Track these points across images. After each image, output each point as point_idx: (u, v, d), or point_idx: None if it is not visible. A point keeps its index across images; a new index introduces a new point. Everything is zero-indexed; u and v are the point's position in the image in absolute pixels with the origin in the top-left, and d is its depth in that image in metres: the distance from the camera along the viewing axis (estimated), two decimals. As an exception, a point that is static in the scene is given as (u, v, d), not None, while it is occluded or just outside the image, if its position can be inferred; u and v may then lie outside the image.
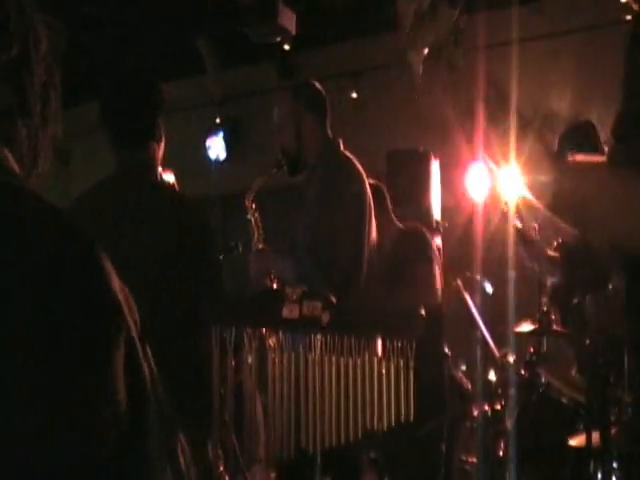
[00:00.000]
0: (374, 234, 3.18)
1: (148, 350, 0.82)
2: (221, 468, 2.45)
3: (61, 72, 0.96)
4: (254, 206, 3.37)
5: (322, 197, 3.16)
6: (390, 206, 3.76)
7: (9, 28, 0.88)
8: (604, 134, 4.02)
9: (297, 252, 3.19)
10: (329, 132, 3.30)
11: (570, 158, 1.46)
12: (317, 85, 3.37)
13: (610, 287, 2.83)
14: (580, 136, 3.87)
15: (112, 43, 6.26)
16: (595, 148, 3.86)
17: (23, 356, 0.71)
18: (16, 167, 0.86)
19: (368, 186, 3.18)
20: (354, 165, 3.20)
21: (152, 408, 0.79)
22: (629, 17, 5.19)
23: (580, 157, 1.48)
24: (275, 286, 3.14)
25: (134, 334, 0.79)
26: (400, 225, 3.78)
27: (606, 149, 3.89)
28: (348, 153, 3.27)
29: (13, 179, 0.84)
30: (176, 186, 2.98)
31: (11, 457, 0.70)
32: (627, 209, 1.28)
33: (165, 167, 2.90)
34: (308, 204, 3.21)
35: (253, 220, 3.36)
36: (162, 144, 2.73)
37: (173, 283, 2.55)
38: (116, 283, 0.79)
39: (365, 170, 3.22)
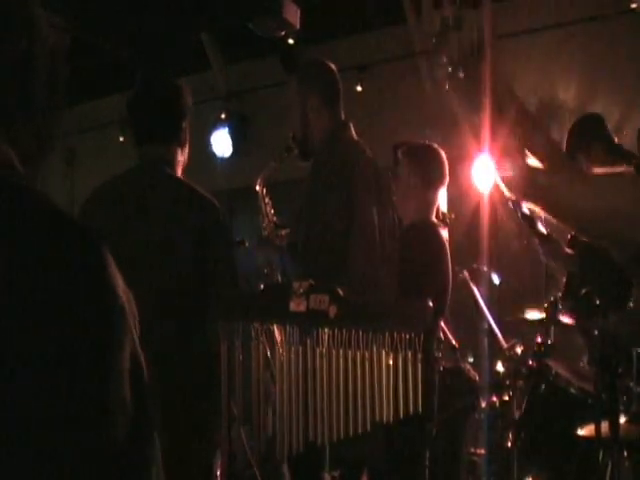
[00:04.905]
0: (385, 221, 3.02)
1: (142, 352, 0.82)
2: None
3: (65, 70, 0.96)
4: (264, 192, 3.33)
5: (312, 186, 3.09)
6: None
7: (16, 23, 0.88)
8: (610, 124, 4.01)
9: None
10: (340, 114, 3.19)
11: (586, 169, 1.44)
12: (326, 65, 3.23)
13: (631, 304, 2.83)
14: (590, 129, 3.87)
15: (115, 40, 6.26)
16: (607, 140, 3.86)
17: (30, 360, 0.71)
18: (17, 163, 0.85)
19: (370, 173, 3.01)
20: (354, 151, 3.07)
21: (152, 407, 0.79)
22: (634, 5, 5.18)
23: (600, 170, 1.46)
24: (276, 276, 3.10)
25: (135, 335, 0.79)
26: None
27: (621, 144, 3.89)
28: (354, 137, 3.16)
29: (13, 177, 0.83)
30: None
31: (27, 460, 0.70)
32: None
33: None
34: (305, 192, 3.13)
35: (263, 207, 3.32)
36: (185, 150, 2.75)
37: (187, 276, 2.56)
38: (120, 284, 0.79)
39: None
